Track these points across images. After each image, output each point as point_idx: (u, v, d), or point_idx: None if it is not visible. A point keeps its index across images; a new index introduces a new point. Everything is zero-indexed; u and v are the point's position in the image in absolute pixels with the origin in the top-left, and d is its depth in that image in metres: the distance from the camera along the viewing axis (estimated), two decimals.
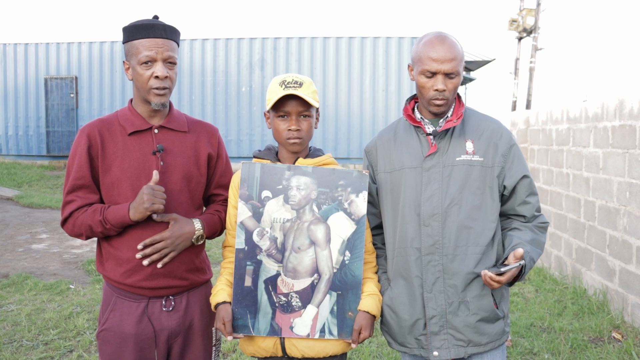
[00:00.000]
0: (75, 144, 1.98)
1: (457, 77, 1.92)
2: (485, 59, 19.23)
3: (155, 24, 1.93)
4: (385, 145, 2.08)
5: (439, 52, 1.89)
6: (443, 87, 1.90)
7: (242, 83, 14.69)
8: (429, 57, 1.90)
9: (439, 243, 1.93)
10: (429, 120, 2.02)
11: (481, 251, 1.94)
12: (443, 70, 1.89)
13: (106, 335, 2.00)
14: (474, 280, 1.93)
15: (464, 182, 1.94)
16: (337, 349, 1.94)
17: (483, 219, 1.95)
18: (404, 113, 2.04)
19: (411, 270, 1.96)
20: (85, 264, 6.27)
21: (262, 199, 1.92)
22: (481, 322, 1.94)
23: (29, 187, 12.92)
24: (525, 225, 2.02)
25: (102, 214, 1.91)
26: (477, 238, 1.94)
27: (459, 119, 1.96)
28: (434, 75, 1.91)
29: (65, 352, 3.91)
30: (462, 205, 1.93)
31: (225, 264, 2.03)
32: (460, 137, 1.98)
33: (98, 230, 1.93)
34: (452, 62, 1.89)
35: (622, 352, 3.85)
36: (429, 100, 1.94)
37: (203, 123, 2.17)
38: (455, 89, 1.94)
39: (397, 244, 2.00)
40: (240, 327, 1.92)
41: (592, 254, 5.13)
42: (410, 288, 1.97)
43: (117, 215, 1.90)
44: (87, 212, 1.94)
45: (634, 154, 4.36)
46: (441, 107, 1.94)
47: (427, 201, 1.95)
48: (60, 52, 15.22)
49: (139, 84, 1.94)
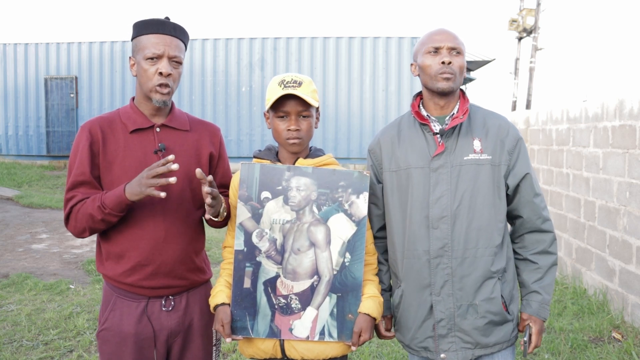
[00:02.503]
0: (77, 140, 1.96)
1: (461, 55, 1.92)
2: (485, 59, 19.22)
3: (165, 21, 1.93)
4: (388, 143, 2.03)
5: (441, 32, 1.93)
6: (449, 60, 1.88)
7: (242, 83, 14.68)
8: (431, 39, 1.93)
9: (448, 246, 1.91)
10: (436, 117, 1.98)
11: (491, 253, 1.91)
12: (447, 44, 1.90)
13: (106, 335, 1.99)
14: (484, 282, 1.91)
15: (473, 183, 1.91)
16: (336, 351, 1.93)
17: (492, 220, 1.92)
18: (412, 109, 2.00)
19: (419, 273, 1.94)
20: (85, 264, 6.26)
21: (261, 200, 1.91)
22: (490, 325, 1.93)
23: (29, 187, 12.92)
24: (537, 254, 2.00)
25: (100, 199, 1.85)
26: (487, 240, 1.91)
27: (465, 114, 1.93)
28: (437, 50, 1.91)
29: (65, 352, 3.91)
30: (471, 206, 1.90)
31: (224, 265, 2.03)
32: (467, 136, 1.94)
33: (98, 218, 1.86)
34: (455, 40, 1.92)
35: (622, 352, 3.85)
36: (435, 75, 1.90)
37: (205, 122, 2.16)
38: (460, 70, 1.92)
39: (405, 246, 1.97)
40: (239, 329, 1.91)
41: (592, 254, 5.12)
42: (419, 291, 1.95)
43: (114, 196, 1.83)
44: (86, 202, 1.89)
45: (634, 154, 4.35)
46: (449, 82, 1.89)
47: (435, 203, 1.92)
48: (60, 52, 15.22)
49: (143, 79, 1.93)
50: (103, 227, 1.91)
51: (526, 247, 2.02)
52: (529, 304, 2.00)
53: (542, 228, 2.00)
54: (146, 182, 1.76)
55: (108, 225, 1.91)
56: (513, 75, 22.16)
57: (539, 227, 1.99)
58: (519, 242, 2.03)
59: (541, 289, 1.98)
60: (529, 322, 1.99)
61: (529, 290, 2.00)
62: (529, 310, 1.99)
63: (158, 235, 1.96)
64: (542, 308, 1.98)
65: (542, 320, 1.99)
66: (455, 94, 1.98)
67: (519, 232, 2.03)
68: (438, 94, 1.94)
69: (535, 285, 1.99)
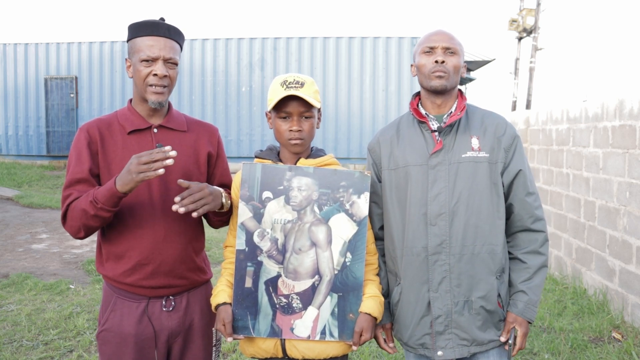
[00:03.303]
0: (75, 141, 1.97)
1: (456, 55, 1.95)
2: (485, 59, 19.23)
3: (160, 23, 1.94)
4: (387, 142, 2.05)
5: (437, 33, 1.98)
6: (442, 59, 1.92)
7: (242, 83, 14.68)
8: (427, 39, 1.98)
9: (446, 243, 1.92)
10: (434, 116, 2.00)
11: (489, 250, 1.93)
12: (442, 44, 1.93)
13: (106, 336, 1.99)
14: (481, 280, 1.93)
15: (471, 180, 1.92)
16: (337, 350, 1.94)
17: (491, 217, 1.93)
18: (410, 107, 2.02)
19: (418, 270, 1.95)
20: (85, 264, 6.26)
21: (262, 200, 1.91)
22: (486, 322, 1.94)
23: (29, 187, 12.92)
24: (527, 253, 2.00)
25: (92, 194, 1.82)
26: (485, 237, 1.92)
27: (463, 110, 1.95)
28: (432, 50, 1.94)
29: (65, 352, 3.91)
30: (469, 203, 1.92)
31: (226, 264, 2.03)
32: (465, 134, 1.96)
33: (91, 213, 1.82)
34: (451, 40, 1.95)
35: (622, 352, 3.85)
36: (429, 73, 1.94)
37: (202, 123, 2.17)
38: (455, 70, 1.94)
39: (404, 243, 1.98)
40: (241, 328, 1.91)
41: (592, 254, 5.13)
42: (417, 288, 1.96)
43: (104, 189, 1.79)
44: (80, 199, 1.87)
45: (634, 154, 4.36)
46: (442, 80, 1.92)
47: (433, 200, 1.93)
48: (60, 52, 15.22)
49: (138, 80, 1.94)
50: (97, 224, 1.87)
51: (517, 245, 2.02)
52: (515, 303, 1.98)
53: (532, 227, 1.99)
54: (136, 169, 1.72)
55: (102, 223, 1.88)
56: (513, 75, 22.17)
57: (529, 227, 1.99)
58: (511, 240, 2.04)
59: (528, 290, 1.97)
60: (515, 325, 1.97)
61: (516, 290, 1.99)
62: (514, 311, 1.97)
63: (158, 234, 1.96)
64: (527, 309, 1.96)
65: (528, 321, 1.97)
66: (452, 93, 2.00)
67: (511, 231, 2.03)
68: (434, 93, 1.97)
69: (522, 285, 1.98)
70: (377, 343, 2.11)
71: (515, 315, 1.97)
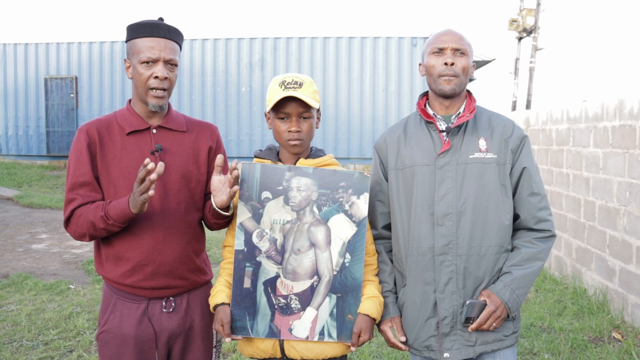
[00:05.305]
0: (75, 142, 1.97)
1: (466, 57, 1.94)
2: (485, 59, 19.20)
3: (159, 24, 1.93)
4: (395, 142, 2.05)
5: (447, 33, 1.96)
6: (451, 61, 1.91)
7: (242, 83, 14.68)
8: (436, 39, 1.96)
9: (453, 243, 1.91)
10: (442, 116, 2.00)
11: (495, 251, 1.92)
12: (451, 45, 1.92)
13: (106, 337, 1.99)
14: (487, 281, 1.92)
15: (478, 181, 1.91)
16: (336, 351, 1.93)
17: (498, 218, 1.92)
18: (418, 107, 2.02)
19: (424, 270, 1.94)
20: (85, 264, 6.26)
21: (262, 200, 1.91)
22: None
23: (29, 187, 12.92)
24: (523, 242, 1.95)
25: (104, 209, 1.86)
26: (492, 238, 1.91)
27: (472, 112, 1.95)
28: (441, 51, 1.93)
29: (65, 352, 3.91)
30: (476, 204, 1.91)
31: (224, 265, 2.03)
32: (472, 135, 1.95)
33: (100, 227, 1.87)
34: (460, 41, 1.94)
35: (622, 352, 3.85)
36: (438, 76, 1.93)
37: (202, 122, 2.16)
38: (465, 71, 1.93)
39: (410, 243, 1.97)
40: (239, 329, 1.91)
41: (592, 254, 5.12)
42: (423, 289, 1.95)
43: (118, 208, 1.84)
44: (89, 208, 1.89)
45: (634, 154, 4.35)
46: (451, 84, 1.92)
47: (440, 200, 1.92)
48: (60, 52, 15.21)
49: (138, 82, 1.93)
50: (104, 235, 1.93)
51: (517, 238, 1.98)
52: (494, 282, 1.92)
53: (534, 228, 1.96)
54: (136, 191, 1.75)
55: (109, 234, 1.93)
56: (513, 75, 22.16)
57: (532, 227, 1.96)
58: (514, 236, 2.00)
59: (514, 271, 1.89)
60: (485, 298, 1.88)
61: (503, 272, 1.93)
62: (492, 287, 1.90)
63: (157, 235, 1.96)
64: (505, 288, 1.87)
65: (502, 303, 1.87)
66: (461, 95, 2.00)
67: (515, 230, 2.01)
68: (442, 96, 1.96)
69: (510, 268, 1.91)
70: (386, 341, 2.05)
71: (489, 292, 1.89)
